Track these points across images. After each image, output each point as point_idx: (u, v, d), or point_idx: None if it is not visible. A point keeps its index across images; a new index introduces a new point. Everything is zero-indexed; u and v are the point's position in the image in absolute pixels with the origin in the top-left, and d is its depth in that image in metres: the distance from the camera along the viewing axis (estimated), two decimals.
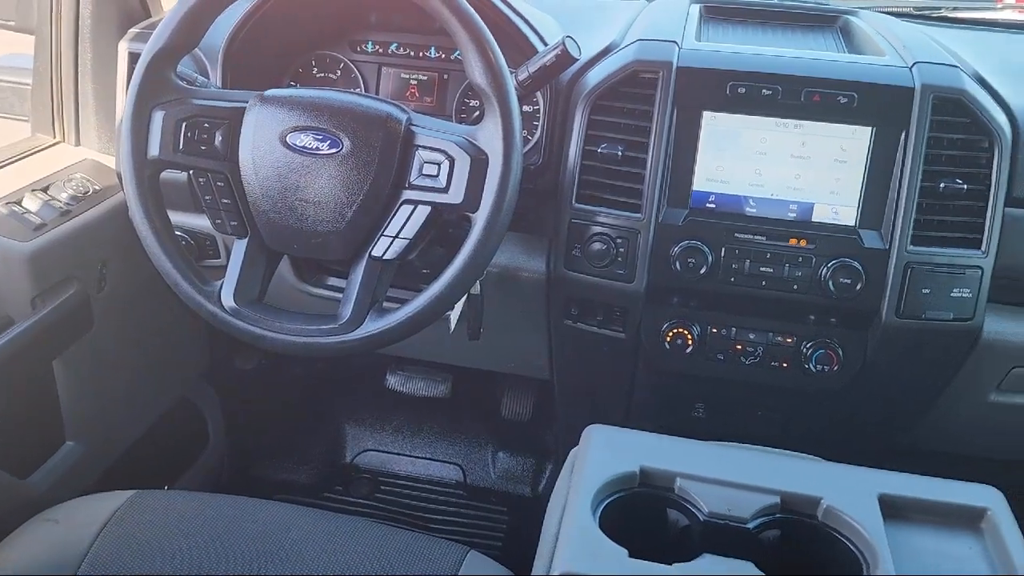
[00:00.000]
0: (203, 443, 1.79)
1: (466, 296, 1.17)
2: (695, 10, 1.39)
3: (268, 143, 1.00)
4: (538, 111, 1.26)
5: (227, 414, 1.84)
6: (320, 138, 0.99)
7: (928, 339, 1.17)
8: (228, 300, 1.04)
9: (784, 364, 1.22)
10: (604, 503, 0.76)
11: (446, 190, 0.98)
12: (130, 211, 1.04)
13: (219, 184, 1.03)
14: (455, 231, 1.14)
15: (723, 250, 1.16)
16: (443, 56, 1.34)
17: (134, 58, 1.36)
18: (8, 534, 1.05)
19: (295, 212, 1.01)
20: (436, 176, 0.98)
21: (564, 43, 1.07)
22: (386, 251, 1.00)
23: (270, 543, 1.00)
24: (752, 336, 1.22)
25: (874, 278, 1.13)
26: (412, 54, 1.35)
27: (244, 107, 1.02)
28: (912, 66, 1.15)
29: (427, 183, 0.99)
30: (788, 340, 1.21)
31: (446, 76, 1.34)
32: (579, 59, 1.11)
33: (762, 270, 1.16)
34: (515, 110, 0.98)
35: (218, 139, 1.02)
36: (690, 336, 1.22)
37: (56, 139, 1.52)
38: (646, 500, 0.79)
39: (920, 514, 0.78)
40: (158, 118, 1.02)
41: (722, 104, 1.15)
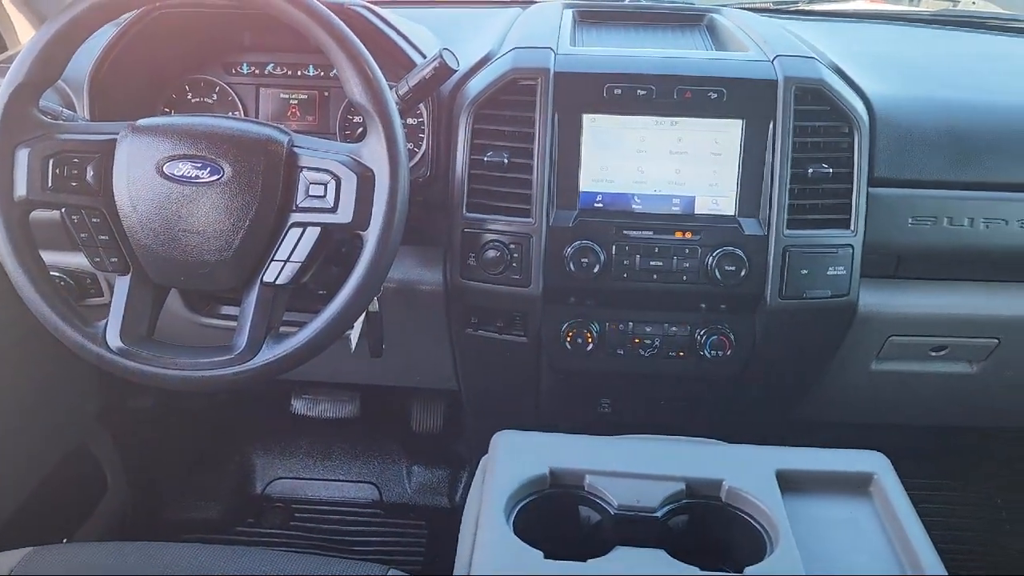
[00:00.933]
0: (102, 489, 1.71)
1: (365, 314, 1.16)
2: (568, 15, 1.42)
3: (144, 175, 0.97)
4: (422, 123, 1.27)
5: (125, 457, 1.77)
6: (199, 166, 0.97)
7: (810, 317, 1.23)
8: (114, 340, 1.00)
9: (681, 353, 1.26)
10: (517, 507, 0.78)
11: (334, 210, 0.97)
12: (1, 256, 0.99)
13: (94, 220, 1.00)
14: (348, 250, 1.13)
15: (614, 248, 1.20)
16: (322, 74, 1.32)
17: None
18: None
19: (179, 244, 0.98)
20: (323, 196, 0.97)
21: (441, 55, 1.08)
22: (278, 276, 0.99)
23: None
24: (649, 329, 1.25)
25: (756, 264, 1.18)
26: (290, 73, 1.33)
27: (115, 139, 0.99)
28: (774, 60, 1.21)
29: (315, 204, 0.97)
30: (683, 330, 1.25)
31: (327, 93, 1.33)
32: (457, 70, 1.12)
33: (652, 264, 1.20)
34: (398, 125, 0.98)
35: (90, 174, 0.99)
36: (590, 334, 1.25)
37: None
38: (558, 500, 0.81)
39: (814, 485, 0.83)
40: (23, 156, 0.98)
41: (601, 106, 1.19)
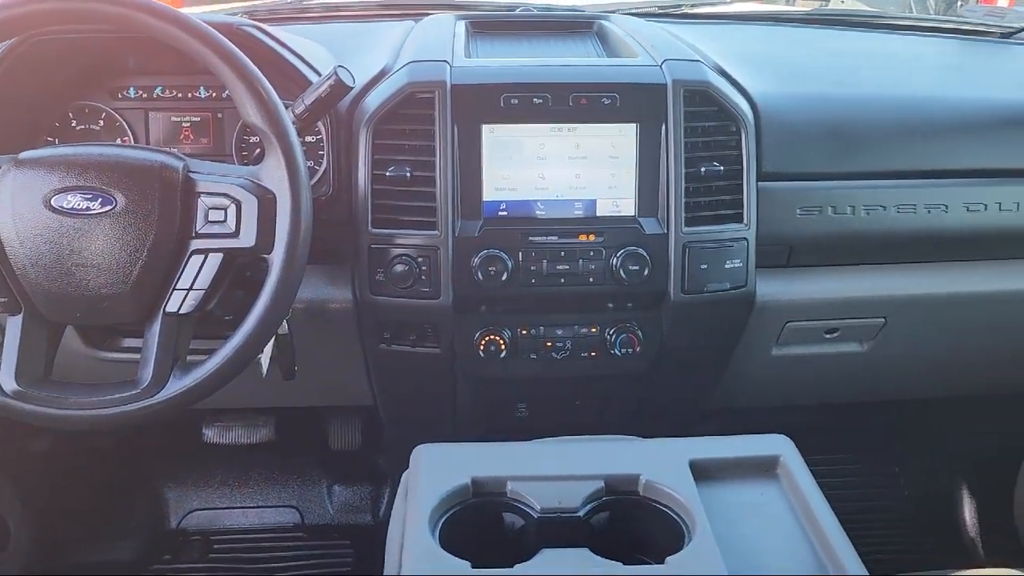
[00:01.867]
0: (4, 540, 1.62)
1: (274, 337, 1.14)
2: (461, 27, 1.44)
3: (31, 209, 0.94)
4: (321, 141, 1.25)
5: (27, 503, 1.68)
6: (89, 197, 0.94)
7: (712, 309, 1.28)
8: (8, 383, 0.96)
9: (592, 353, 1.29)
10: (442, 520, 0.78)
11: (236, 234, 0.96)
12: None
13: None
14: (253, 273, 1.11)
15: (520, 254, 1.21)
16: (214, 95, 1.29)
17: None
18: None
19: (73, 279, 0.95)
20: (224, 221, 0.95)
21: (337, 73, 1.07)
22: (181, 305, 0.97)
23: None
24: (560, 332, 1.28)
25: (658, 261, 1.22)
26: (180, 95, 1.29)
27: None
28: (662, 64, 1.25)
29: (215, 230, 0.96)
30: (593, 330, 1.28)
31: (220, 115, 1.30)
32: (354, 87, 1.11)
33: (559, 268, 1.22)
34: (296, 145, 0.97)
35: None
36: (502, 341, 1.26)
37: None
38: (482, 509, 0.81)
39: (726, 471, 0.86)
40: None
41: (499, 116, 1.20)
